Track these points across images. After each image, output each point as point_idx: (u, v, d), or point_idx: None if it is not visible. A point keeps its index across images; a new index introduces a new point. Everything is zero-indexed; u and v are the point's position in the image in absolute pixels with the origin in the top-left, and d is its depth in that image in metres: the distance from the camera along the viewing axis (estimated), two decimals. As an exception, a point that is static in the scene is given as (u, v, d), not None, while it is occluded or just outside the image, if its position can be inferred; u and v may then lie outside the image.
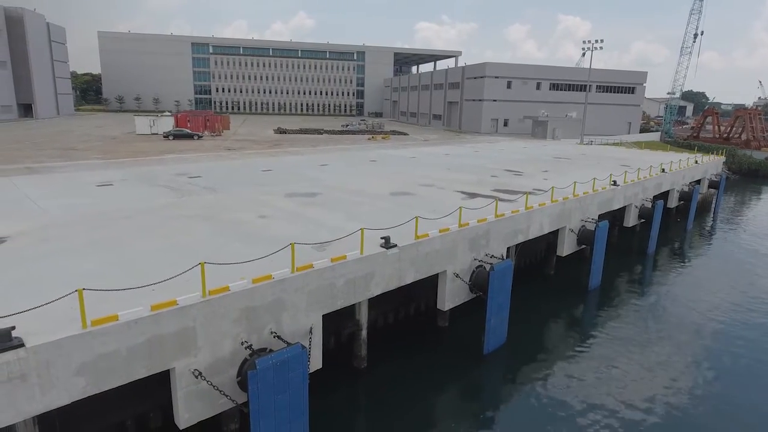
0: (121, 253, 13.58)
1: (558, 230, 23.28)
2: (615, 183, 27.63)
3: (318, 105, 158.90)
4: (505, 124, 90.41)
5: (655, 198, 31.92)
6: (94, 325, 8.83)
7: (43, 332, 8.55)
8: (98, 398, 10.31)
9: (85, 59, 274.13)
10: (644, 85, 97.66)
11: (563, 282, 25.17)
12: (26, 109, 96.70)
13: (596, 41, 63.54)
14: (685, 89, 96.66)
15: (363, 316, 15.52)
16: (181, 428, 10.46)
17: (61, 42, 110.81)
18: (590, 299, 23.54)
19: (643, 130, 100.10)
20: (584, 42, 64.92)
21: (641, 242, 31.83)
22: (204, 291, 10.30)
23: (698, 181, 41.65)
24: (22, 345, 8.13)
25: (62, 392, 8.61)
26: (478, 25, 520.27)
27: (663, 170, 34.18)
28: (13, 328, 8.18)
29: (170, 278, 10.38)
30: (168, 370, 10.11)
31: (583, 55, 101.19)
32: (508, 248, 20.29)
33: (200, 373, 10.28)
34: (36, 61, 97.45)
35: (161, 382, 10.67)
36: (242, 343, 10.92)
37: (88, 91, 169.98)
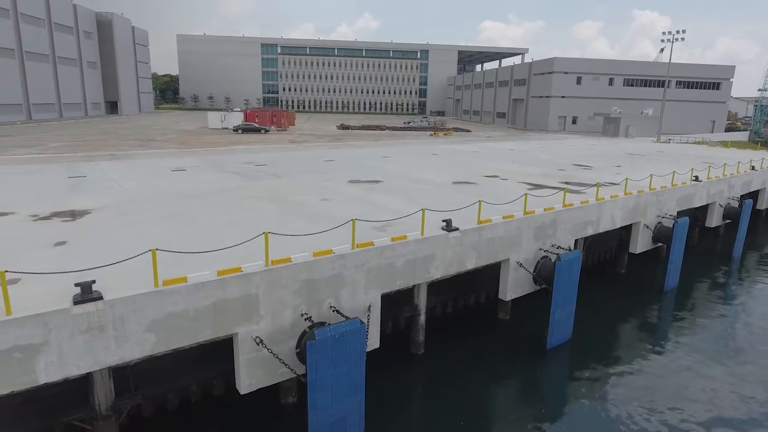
0: (192, 225, 14.22)
1: (631, 225, 21.87)
2: (697, 178, 25.58)
3: (380, 103, 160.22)
4: (574, 122, 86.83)
5: (743, 198, 29.26)
6: (165, 285, 9.21)
7: (119, 289, 9.02)
8: (168, 360, 10.81)
9: (164, 62, 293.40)
10: (731, 80, 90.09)
11: (635, 281, 23.58)
12: (112, 107, 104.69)
13: (677, 32, 59.35)
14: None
15: (422, 301, 15.26)
16: (242, 393, 10.72)
17: (144, 44, 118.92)
18: (665, 302, 21.86)
19: (728, 130, 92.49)
20: (663, 33, 60.80)
21: (726, 245, 29.25)
22: (267, 260, 10.49)
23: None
24: (100, 298, 8.62)
25: (135, 346, 9.03)
26: (545, 23, 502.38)
27: (753, 167, 31.31)
28: (94, 281, 8.69)
29: (236, 245, 10.68)
30: (231, 336, 10.40)
31: (662, 51, 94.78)
32: (576, 241, 19.28)
33: (261, 341, 10.47)
34: (122, 62, 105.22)
35: (225, 351, 11.00)
36: (302, 315, 11.03)
37: (167, 91, 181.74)
